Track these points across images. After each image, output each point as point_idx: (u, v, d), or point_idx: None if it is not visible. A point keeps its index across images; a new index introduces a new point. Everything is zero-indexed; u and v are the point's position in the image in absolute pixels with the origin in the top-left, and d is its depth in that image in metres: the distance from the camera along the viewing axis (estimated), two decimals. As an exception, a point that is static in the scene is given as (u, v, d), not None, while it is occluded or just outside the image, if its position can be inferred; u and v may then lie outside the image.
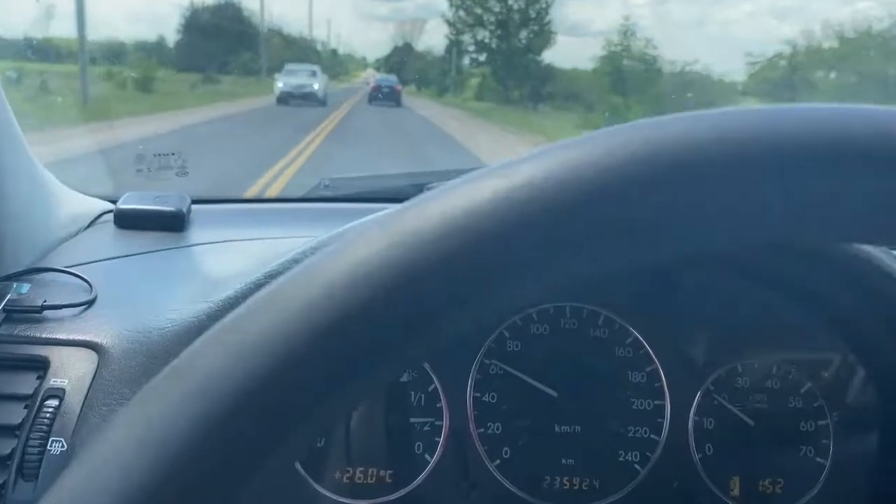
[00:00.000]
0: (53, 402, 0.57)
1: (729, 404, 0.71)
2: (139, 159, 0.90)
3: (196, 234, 0.85)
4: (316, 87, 14.95)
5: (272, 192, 4.91)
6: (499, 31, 25.56)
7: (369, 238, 0.22)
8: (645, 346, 0.70)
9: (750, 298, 0.70)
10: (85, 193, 0.91)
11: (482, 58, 26.55)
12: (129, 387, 0.57)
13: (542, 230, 0.21)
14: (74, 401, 0.57)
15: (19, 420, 0.56)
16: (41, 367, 0.59)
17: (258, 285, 0.59)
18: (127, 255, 0.77)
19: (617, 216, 0.22)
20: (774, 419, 0.71)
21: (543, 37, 24.63)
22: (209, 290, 0.64)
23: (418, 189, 1.05)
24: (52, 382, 0.58)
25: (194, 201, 0.91)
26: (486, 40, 25.99)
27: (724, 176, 0.22)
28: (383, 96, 17.49)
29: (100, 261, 0.74)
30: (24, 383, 0.59)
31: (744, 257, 0.68)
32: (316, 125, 10.15)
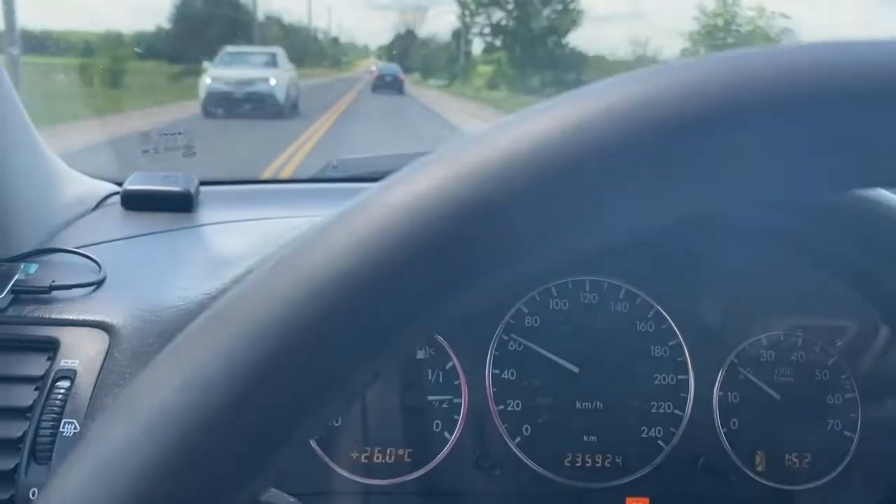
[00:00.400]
0: (65, 384, 0.56)
1: (754, 378, 0.69)
2: (144, 139, 0.88)
3: (204, 214, 0.83)
4: (272, 83, 9.33)
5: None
6: (517, 12, 23.39)
7: (431, 171, 0.20)
8: (667, 320, 0.69)
9: (773, 267, 0.68)
10: (91, 175, 0.89)
11: (498, 41, 24.36)
12: (140, 366, 0.56)
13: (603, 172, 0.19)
14: (86, 382, 0.56)
15: (30, 402, 0.55)
16: (51, 348, 0.58)
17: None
18: (135, 236, 0.75)
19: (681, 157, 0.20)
20: (801, 392, 0.69)
21: (569, 16, 22.47)
22: (219, 269, 0.63)
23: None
24: (62, 363, 0.57)
25: (202, 182, 0.89)
26: (503, 22, 23.79)
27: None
28: (386, 85, 17.82)
29: (108, 241, 0.73)
30: (35, 365, 0.57)
31: (766, 223, 0.66)
32: (303, 130, 8.09)
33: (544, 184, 0.19)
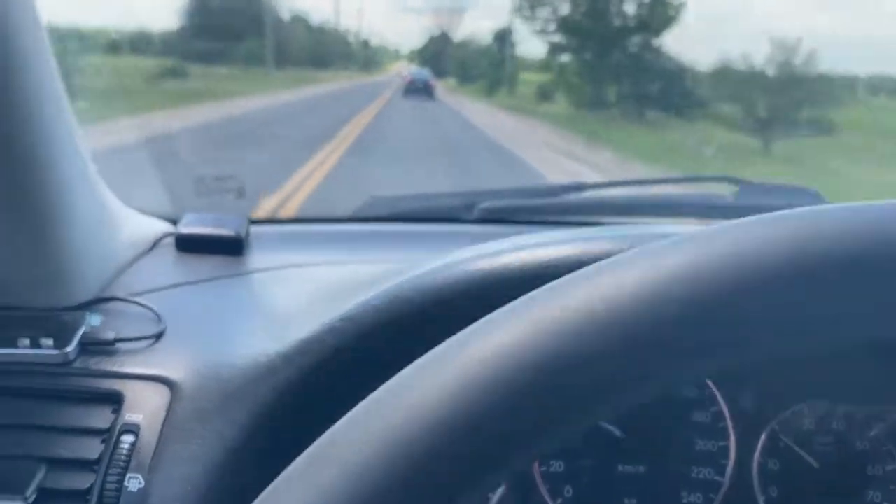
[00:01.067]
0: (129, 438, 0.58)
1: (794, 445, 0.70)
2: (199, 181, 0.92)
3: (255, 258, 0.86)
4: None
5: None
6: (591, 3, 17.54)
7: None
8: (709, 386, 0.69)
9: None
10: (144, 213, 0.92)
11: (567, 41, 18.57)
12: (202, 424, 0.58)
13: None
14: (149, 436, 0.58)
15: (97, 455, 0.58)
16: (116, 401, 0.61)
17: (331, 328, 0.59)
18: (190, 283, 0.78)
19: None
20: (841, 462, 0.70)
21: (666, 9, 16.25)
22: (276, 326, 0.65)
23: (468, 210, 1.06)
24: (127, 417, 0.59)
25: (251, 221, 0.92)
26: (575, 17, 17.82)
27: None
28: (417, 90, 18.80)
29: (165, 288, 0.75)
30: (101, 417, 0.60)
31: None
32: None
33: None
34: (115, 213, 0.83)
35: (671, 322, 0.23)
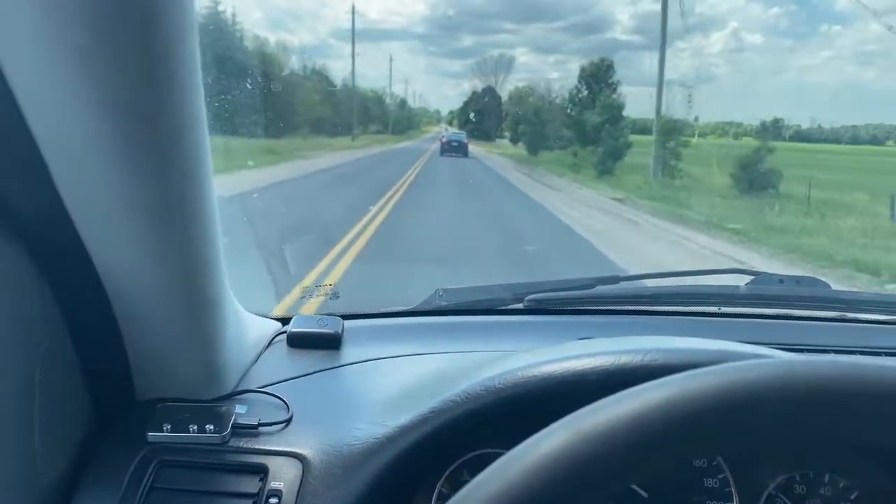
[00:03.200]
0: (274, 500, 0.79)
1: None
2: (304, 289, 1.16)
3: (350, 351, 1.08)
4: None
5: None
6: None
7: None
8: (718, 459, 0.87)
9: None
10: (258, 314, 1.15)
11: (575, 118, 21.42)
12: (329, 490, 0.78)
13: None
14: (289, 499, 0.78)
15: None
16: (262, 471, 0.81)
17: (424, 418, 0.80)
18: (305, 375, 0.99)
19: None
20: None
21: None
22: (379, 413, 0.85)
23: (517, 300, 1.26)
24: (271, 485, 0.80)
25: (344, 317, 1.14)
26: None
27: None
28: (453, 149, 22.91)
29: (287, 380, 0.97)
30: (251, 484, 0.81)
31: None
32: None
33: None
34: (242, 317, 1.06)
35: (657, 435, 0.43)
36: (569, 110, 22.84)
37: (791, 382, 0.43)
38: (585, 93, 22.47)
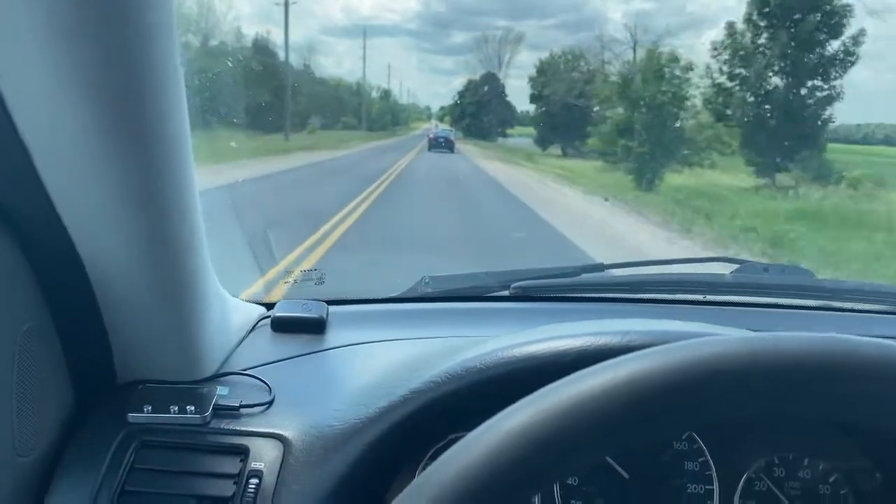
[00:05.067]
0: (255, 481, 0.79)
1: (768, 489, 0.87)
2: (287, 274, 1.15)
3: (334, 335, 1.08)
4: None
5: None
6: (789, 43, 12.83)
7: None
8: (698, 441, 0.88)
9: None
10: (242, 299, 1.15)
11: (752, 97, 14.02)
12: (309, 471, 0.78)
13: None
14: (270, 480, 0.79)
15: (231, 493, 0.78)
16: (243, 452, 0.81)
17: (404, 399, 0.80)
18: (288, 358, 0.99)
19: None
20: (807, 502, 0.87)
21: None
22: (361, 395, 0.85)
23: (503, 288, 1.26)
24: (252, 465, 0.80)
25: (329, 302, 1.14)
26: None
27: None
28: (440, 145, 23.35)
29: (270, 363, 0.97)
30: (232, 465, 0.81)
31: None
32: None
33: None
34: (226, 301, 1.05)
35: (655, 393, 0.43)
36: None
37: (752, 356, 0.43)
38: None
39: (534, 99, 25.51)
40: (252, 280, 2.10)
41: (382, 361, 0.96)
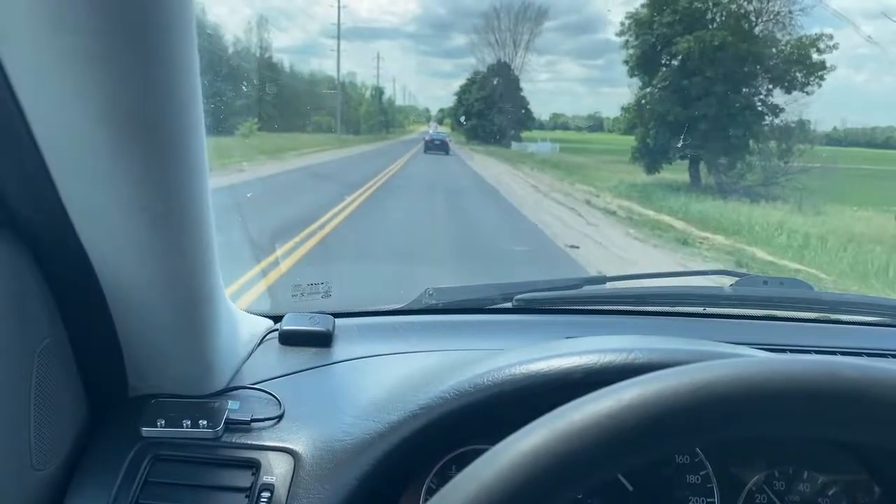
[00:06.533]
0: (266, 494, 0.80)
1: (769, 502, 0.89)
2: (295, 287, 1.17)
3: (341, 349, 1.09)
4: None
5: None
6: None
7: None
8: (700, 455, 0.89)
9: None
10: (250, 312, 1.17)
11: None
12: (320, 484, 0.80)
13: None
14: (281, 493, 0.80)
15: None
16: (255, 466, 0.83)
17: (413, 414, 0.81)
18: (297, 372, 1.01)
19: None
20: None
21: None
22: (370, 409, 0.87)
23: (506, 300, 1.28)
24: (264, 479, 0.81)
25: (335, 315, 1.16)
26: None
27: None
28: (435, 146, 23.41)
29: (279, 377, 0.98)
30: (244, 478, 0.82)
31: None
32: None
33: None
34: (235, 315, 1.07)
35: (662, 415, 0.45)
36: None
37: (754, 381, 0.45)
38: None
39: (641, 63, 14.90)
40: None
41: (390, 375, 0.97)
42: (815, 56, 14.76)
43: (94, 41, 0.56)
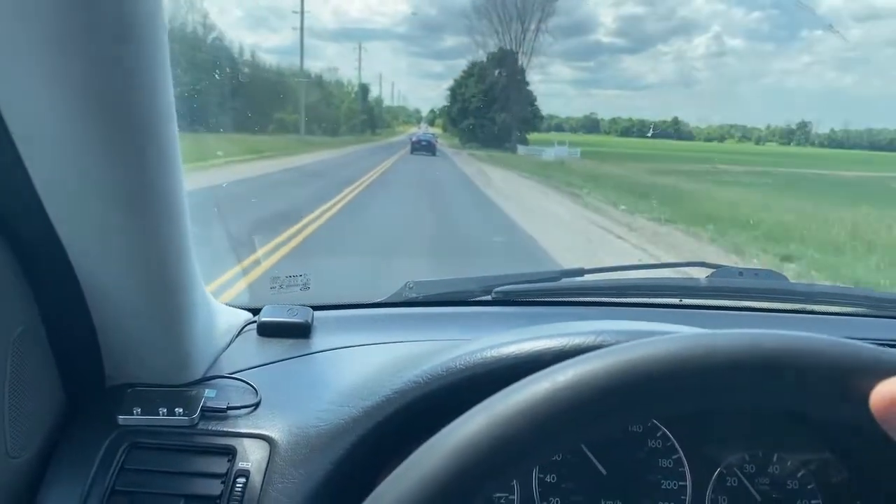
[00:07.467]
0: (242, 480, 0.81)
1: (739, 484, 0.90)
2: (274, 280, 1.17)
3: (319, 339, 1.10)
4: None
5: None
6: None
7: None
8: (671, 439, 0.91)
9: (754, 413, 0.90)
10: (229, 305, 1.17)
11: None
12: (295, 470, 0.81)
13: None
14: (257, 479, 0.81)
15: (219, 492, 0.80)
16: (230, 453, 0.83)
17: (387, 399, 0.82)
18: (274, 362, 1.01)
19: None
20: (777, 498, 0.90)
21: None
22: (345, 396, 0.88)
23: (486, 292, 1.29)
24: (239, 465, 0.82)
25: (314, 307, 1.17)
26: None
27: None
28: (422, 147, 23.40)
29: (256, 367, 0.99)
30: (220, 465, 0.83)
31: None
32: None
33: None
34: (212, 305, 1.08)
35: (594, 396, 0.45)
36: None
37: (679, 356, 0.45)
38: None
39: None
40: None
41: (366, 364, 0.98)
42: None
43: (62, 27, 0.57)
